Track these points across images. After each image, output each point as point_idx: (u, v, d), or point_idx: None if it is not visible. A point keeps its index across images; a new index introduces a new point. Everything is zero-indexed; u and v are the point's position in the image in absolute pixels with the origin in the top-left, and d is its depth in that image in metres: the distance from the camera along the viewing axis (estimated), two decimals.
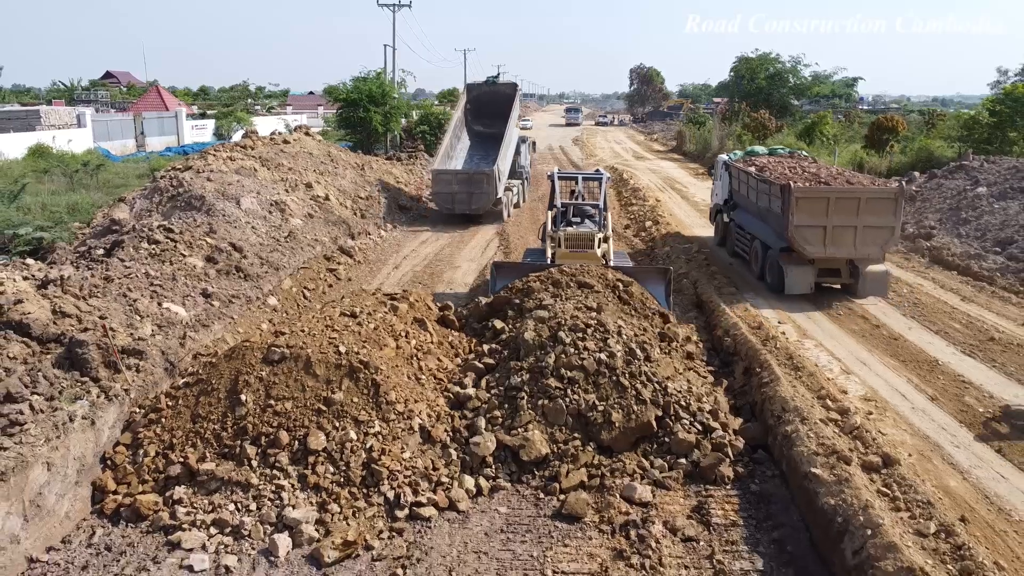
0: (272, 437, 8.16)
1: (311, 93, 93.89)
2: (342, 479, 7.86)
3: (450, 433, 8.76)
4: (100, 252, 13.09)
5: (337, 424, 8.31)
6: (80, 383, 8.59)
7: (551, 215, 15.14)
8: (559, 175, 16.56)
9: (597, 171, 17.69)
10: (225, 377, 8.80)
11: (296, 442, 8.14)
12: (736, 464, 8.47)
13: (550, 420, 8.80)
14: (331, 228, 19.11)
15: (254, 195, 17.51)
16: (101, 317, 9.80)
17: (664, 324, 11.41)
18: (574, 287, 11.54)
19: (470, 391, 9.45)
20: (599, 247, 13.97)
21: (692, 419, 8.89)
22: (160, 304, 11.18)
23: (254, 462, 7.99)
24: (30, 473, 7.08)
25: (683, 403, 9.05)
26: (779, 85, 49.85)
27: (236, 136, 38.32)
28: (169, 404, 8.77)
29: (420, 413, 8.78)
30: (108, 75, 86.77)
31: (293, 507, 7.52)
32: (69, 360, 8.79)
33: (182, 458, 8.06)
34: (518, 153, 27.61)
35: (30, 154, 30.50)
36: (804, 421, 8.61)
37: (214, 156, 20.07)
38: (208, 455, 8.11)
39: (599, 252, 13.83)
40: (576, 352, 9.42)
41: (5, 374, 8.10)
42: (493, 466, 8.40)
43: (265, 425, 8.28)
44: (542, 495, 8.03)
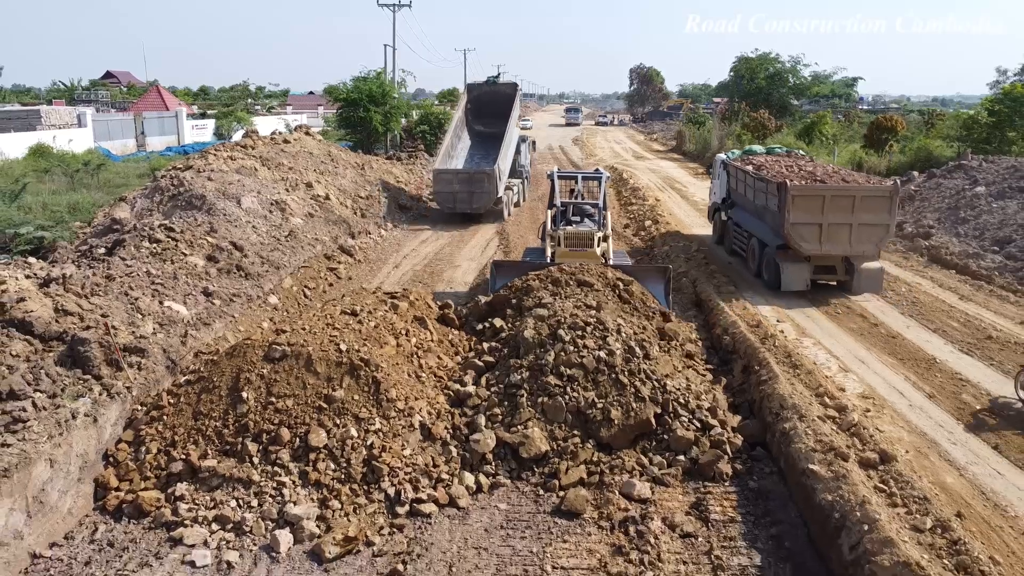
0: (273, 434, 8.21)
1: (311, 93, 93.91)
2: (343, 476, 7.91)
3: (450, 430, 8.81)
4: (101, 251, 13.14)
5: (338, 421, 8.36)
6: (82, 381, 8.64)
7: (551, 214, 15.18)
8: (559, 174, 16.60)
9: (597, 170, 17.73)
10: (227, 375, 8.85)
11: (297, 439, 8.19)
12: (734, 461, 8.52)
13: (550, 417, 8.85)
14: (331, 227, 19.16)
15: (255, 194, 17.56)
16: (103, 315, 9.85)
17: (664, 322, 11.47)
18: (573, 285, 11.59)
19: (470, 389, 9.50)
20: (598, 246, 14.02)
21: (691, 416, 8.94)
22: (161, 303, 11.23)
23: (255, 459, 8.05)
24: (33, 470, 7.13)
25: (682, 401, 9.10)
26: (779, 85, 49.95)
27: (236, 136, 38.36)
28: (171, 401, 8.82)
29: (420, 410, 8.84)
30: (108, 75, 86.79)
31: (294, 503, 7.58)
32: (71, 358, 8.84)
33: (184, 455, 8.11)
34: (518, 152, 27.71)
35: (31, 154, 30.54)
36: (802, 418, 8.66)
37: (215, 156, 20.13)
38: (210, 452, 8.16)
39: (598, 251, 13.87)
40: (575, 350, 9.47)
41: (8, 372, 8.15)
42: (493, 463, 8.45)
43: (266, 422, 8.33)
44: (542, 492, 8.08)
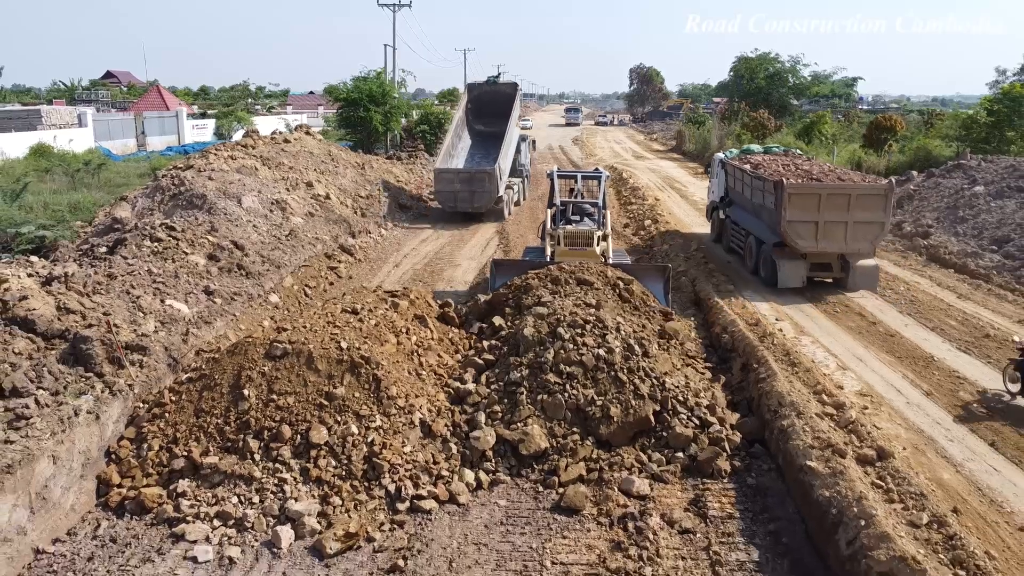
0: (275, 431, 8.26)
1: (311, 93, 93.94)
2: (344, 472, 7.96)
3: (450, 427, 8.86)
4: (103, 250, 13.19)
5: (339, 418, 8.41)
6: (85, 378, 8.70)
7: (550, 213, 15.23)
8: (558, 173, 16.65)
9: (596, 170, 17.79)
10: (228, 372, 8.91)
11: (298, 436, 8.25)
12: (733, 458, 8.58)
13: (549, 415, 8.90)
14: (332, 226, 19.20)
15: (255, 194, 17.61)
16: (105, 313, 9.91)
17: (664, 321, 11.52)
18: (573, 284, 11.64)
19: (470, 386, 9.55)
20: (598, 245, 14.08)
21: (690, 414, 8.99)
22: (163, 301, 11.28)
23: (257, 456, 8.10)
24: (36, 466, 7.18)
25: (681, 398, 9.15)
26: (778, 85, 49.99)
27: (237, 136, 38.41)
28: (173, 399, 8.87)
29: (421, 408, 8.89)
30: (108, 75, 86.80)
31: (295, 500, 7.63)
32: (74, 356, 8.89)
33: (186, 452, 8.17)
34: (518, 152, 27.80)
35: (31, 153, 30.59)
36: (800, 416, 8.71)
37: (215, 155, 20.17)
38: (211, 449, 8.22)
39: (598, 250, 13.93)
40: (575, 348, 9.52)
41: (11, 369, 8.20)
42: (493, 460, 8.50)
43: (268, 419, 8.38)
44: (541, 488, 8.14)
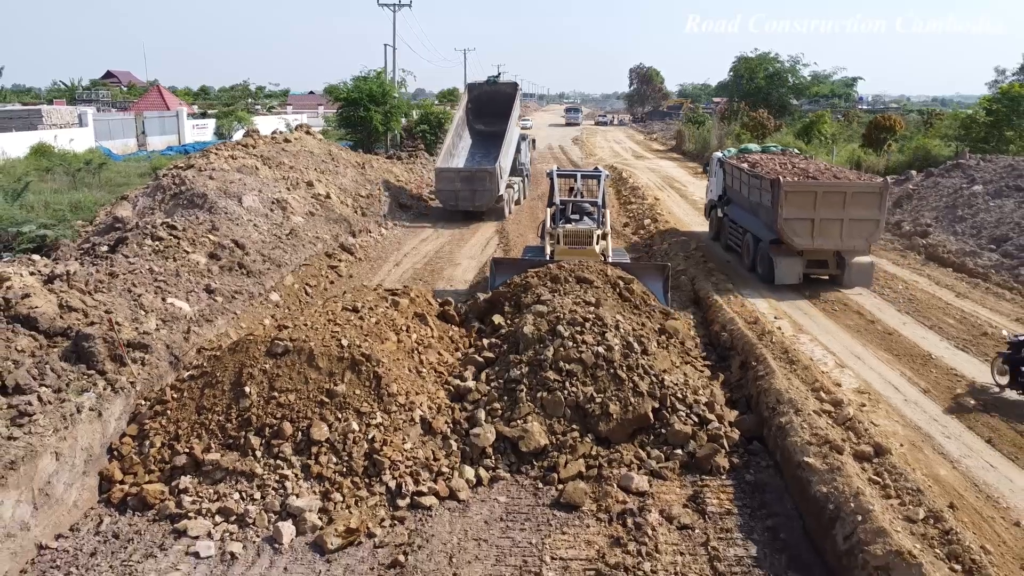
0: (276, 428, 8.31)
1: (311, 93, 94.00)
2: (345, 469, 8.01)
3: (450, 425, 8.91)
4: (104, 249, 13.24)
5: (340, 415, 8.46)
6: (87, 376, 8.74)
7: (550, 212, 15.29)
8: (558, 173, 16.71)
9: (596, 169, 17.85)
10: (229, 370, 8.96)
11: (299, 433, 8.29)
12: (731, 455, 8.63)
13: (549, 412, 8.95)
14: (332, 226, 19.26)
15: (256, 193, 17.66)
16: (107, 312, 9.96)
17: (664, 320, 11.56)
18: (572, 282, 11.69)
19: (470, 384, 9.60)
20: (597, 244, 14.13)
21: (688, 411, 9.04)
22: (164, 299, 11.34)
23: (258, 452, 8.15)
24: (39, 462, 7.23)
25: (680, 395, 9.20)
26: (778, 85, 50.07)
27: (237, 135, 38.45)
28: (174, 396, 8.91)
29: (421, 405, 8.94)
30: (109, 75, 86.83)
31: (297, 496, 7.68)
32: (76, 353, 8.94)
33: (187, 449, 8.22)
34: (519, 151, 27.91)
35: (32, 153, 30.67)
36: (798, 412, 8.76)
37: (216, 155, 20.23)
38: (213, 446, 8.26)
39: (597, 248, 13.98)
40: (574, 345, 9.57)
41: (14, 366, 8.25)
42: (493, 457, 8.55)
43: (269, 416, 8.43)
44: (541, 485, 8.18)
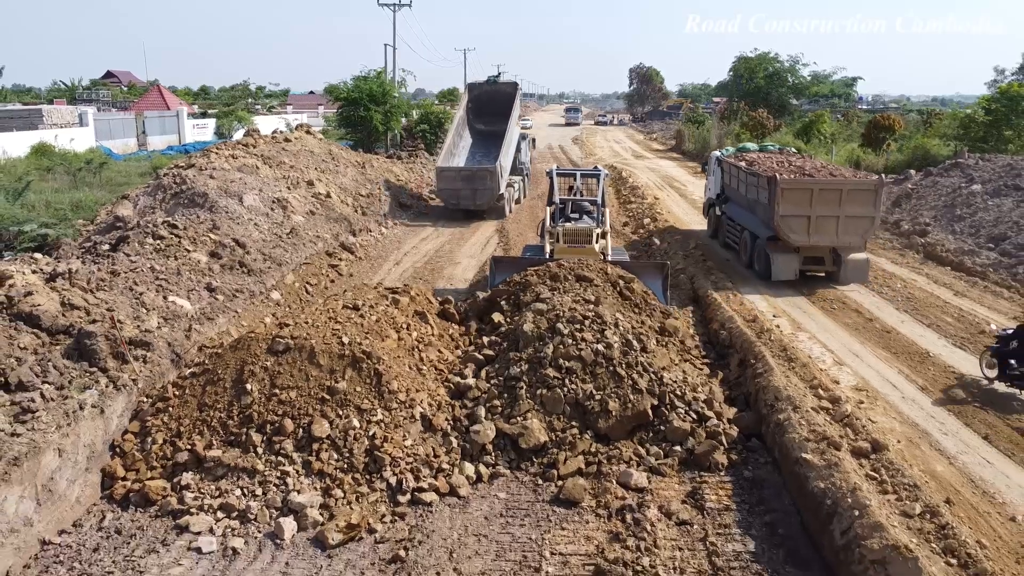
0: (277, 425, 8.36)
1: (311, 92, 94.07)
2: (345, 465, 8.06)
3: (451, 421, 8.97)
4: (106, 247, 13.29)
5: (340, 412, 8.51)
6: (89, 373, 8.79)
7: (550, 211, 15.34)
8: (557, 172, 16.76)
9: (595, 168, 17.92)
10: (231, 367, 9.01)
11: (300, 430, 8.34)
12: (730, 451, 8.67)
13: (548, 409, 9.00)
14: (332, 225, 19.31)
15: (256, 192, 17.71)
16: (108, 310, 10.01)
17: (665, 319, 11.60)
18: (572, 280, 11.73)
19: (470, 381, 9.65)
20: (597, 242, 14.18)
21: (687, 408, 9.09)
22: (166, 298, 11.39)
23: (260, 449, 8.20)
24: (42, 459, 7.28)
25: (678, 392, 9.25)
26: (778, 84, 50.12)
27: (237, 135, 38.49)
28: (176, 393, 8.96)
29: (421, 402, 8.99)
30: (109, 75, 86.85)
31: (298, 492, 7.73)
32: (78, 351, 8.98)
33: (189, 445, 8.27)
34: (519, 150, 28.02)
35: (33, 152, 30.71)
36: (796, 409, 8.81)
37: (216, 154, 20.25)
38: (215, 442, 8.32)
39: (597, 247, 14.03)
40: (574, 343, 9.62)
41: (17, 363, 8.30)
42: (493, 453, 8.60)
43: (270, 413, 8.48)
44: (540, 481, 8.23)
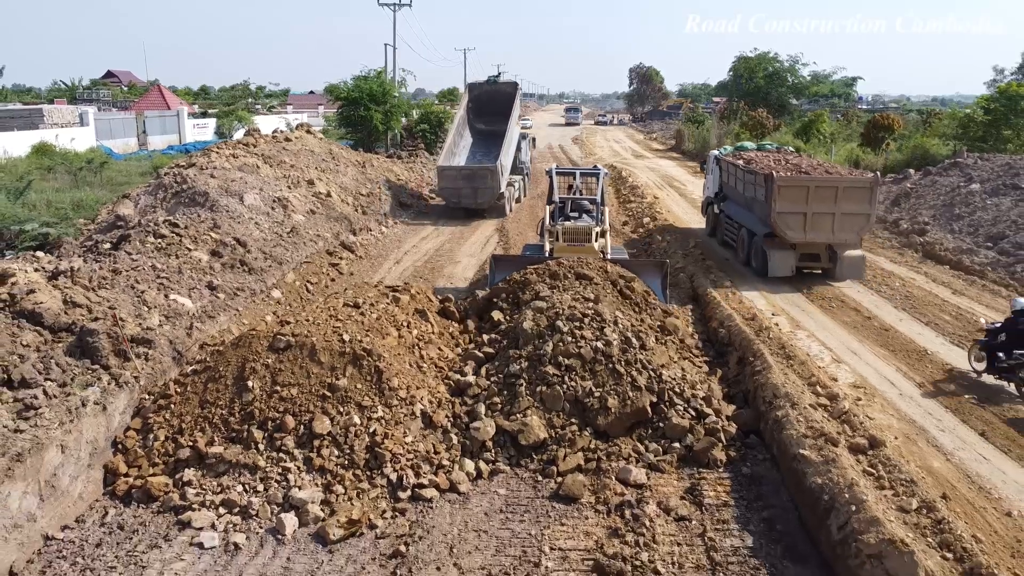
0: (278, 422, 8.42)
1: (311, 92, 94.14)
2: (346, 462, 8.12)
3: (451, 418, 9.02)
4: (107, 246, 13.34)
5: (341, 409, 8.57)
6: (91, 370, 8.85)
7: (549, 210, 15.39)
8: (557, 171, 16.81)
9: (595, 167, 17.97)
10: (232, 364, 9.06)
11: (302, 426, 8.40)
12: (728, 448, 8.72)
13: (548, 406, 9.05)
14: (333, 224, 19.36)
15: (257, 191, 17.76)
16: (110, 307, 10.06)
17: (664, 317, 11.65)
18: (572, 279, 11.77)
19: (470, 378, 9.70)
20: (596, 241, 14.23)
21: (686, 405, 9.14)
22: (167, 296, 11.44)
23: (261, 446, 8.25)
24: (45, 455, 7.33)
25: (677, 390, 9.30)
26: (777, 84, 50.19)
27: (237, 135, 38.54)
28: (178, 391, 9.02)
29: (422, 399, 9.04)
30: (109, 74, 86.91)
31: (299, 488, 7.78)
32: (80, 348, 9.04)
33: (191, 442, 8.32)
34: (519, 150, 28.12)
35: (34, 152, 30.77)
36: (794, 406, 8.86)
37: (217, 153, 20.29)
38: (216, 439, 8.37)
39: (596, 246, 14.08)
40: (573, 340, 9.67)
41: (19, 361, 8.36)
42: (493, 450, 8.65)
43: (272, 410, 8.53)
44: (540, 478, 8.28)
